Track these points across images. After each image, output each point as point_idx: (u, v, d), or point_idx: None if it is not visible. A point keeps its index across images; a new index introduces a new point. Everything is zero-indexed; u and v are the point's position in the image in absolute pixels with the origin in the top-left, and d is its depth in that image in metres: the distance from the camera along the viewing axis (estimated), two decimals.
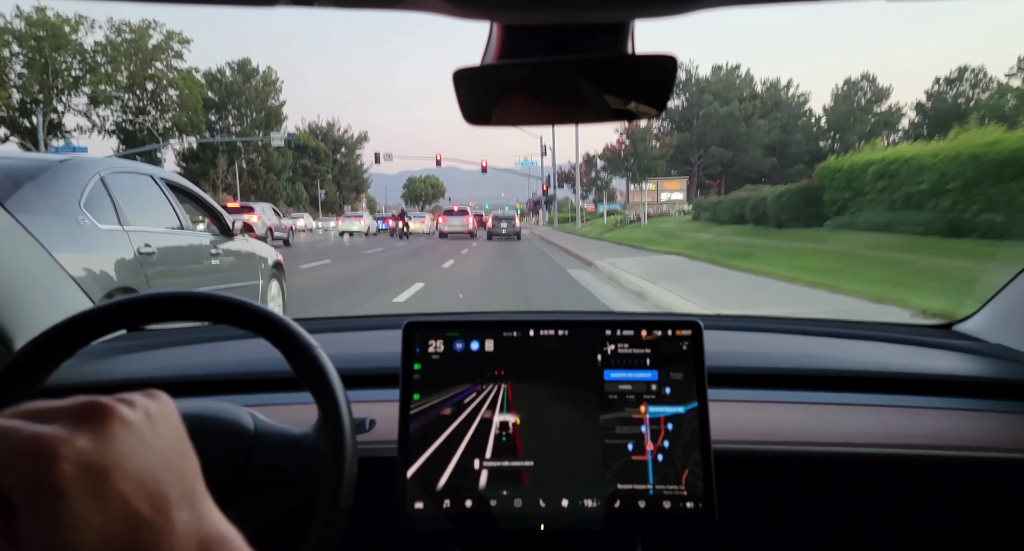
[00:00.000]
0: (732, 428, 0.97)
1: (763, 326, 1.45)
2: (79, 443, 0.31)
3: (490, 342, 0.90)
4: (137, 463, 0.33)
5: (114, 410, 0.34)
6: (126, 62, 43.50)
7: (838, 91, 60.31)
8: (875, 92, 59.24)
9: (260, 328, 0.72)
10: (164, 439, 0.36)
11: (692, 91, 60.76)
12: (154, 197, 4.18)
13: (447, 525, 0.85)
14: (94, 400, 0.34)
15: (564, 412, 0.88)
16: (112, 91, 43.00)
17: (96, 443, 0.32)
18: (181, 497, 0.34)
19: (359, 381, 1.07)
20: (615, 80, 0.67)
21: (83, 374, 1.14)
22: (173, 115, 46.76)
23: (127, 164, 4.35)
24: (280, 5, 0.48)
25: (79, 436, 0.32)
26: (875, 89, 59.40)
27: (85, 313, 0.71)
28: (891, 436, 0.97)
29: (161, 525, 0.32)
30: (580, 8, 0.51)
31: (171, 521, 0.33)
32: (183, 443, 0.37)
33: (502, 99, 0.70)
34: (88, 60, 42.38)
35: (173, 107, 46.80)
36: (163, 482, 0.34)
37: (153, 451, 0.34)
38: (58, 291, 1.26)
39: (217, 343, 1.34)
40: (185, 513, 0.34)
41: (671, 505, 0.84)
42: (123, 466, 0.32)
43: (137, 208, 3.88)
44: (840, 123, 58.51)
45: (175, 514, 0.33)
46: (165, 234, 4.06)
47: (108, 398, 0.34)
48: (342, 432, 0.69)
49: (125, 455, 0.33)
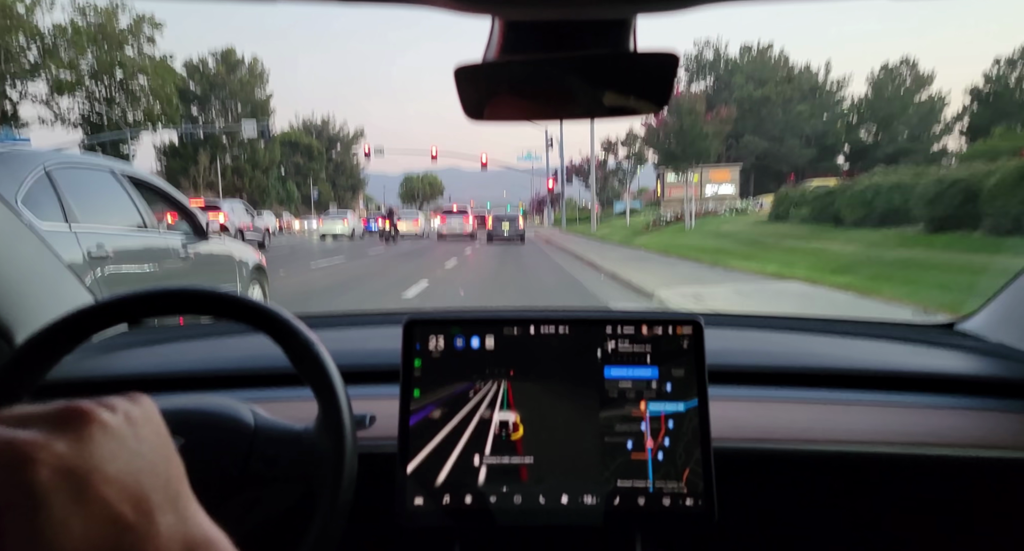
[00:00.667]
0: (732, 426, 0.97)
1: (764, 324, 1.45)
2: (57, 448, 0.31)
3: (491, 339, 0.90)
4: (118, 466, 0.32)
5: (93, 414, 0.33)
6: (91, 47, 39.81)
7: (874, 78, 52.94)
8: (915, 80, 52.03)
9: (261, 323, 0.72)
10: (146, 442, 0.35)
11: (720, 72, 53.10)
12: (113, 194, 3.84)
13: (447, 521, 0.85)
14: (72, 404, 0.34)
15: (564, 409, 0.88)
16: (74, 78, 39.25)
17: (75, 447, 0.31)
18: (165, 500, 0.34)
19: (359, 377, 1.07)
20: (616, 77, 0.67)
21: (84, 369, 1.14)
22: (145, 106, 43.24)
23: (81, 157, 4.02)
24: (282, 1, 0.48)
25: (57, 441, 0.31)
26: (915, 76, 52.19)
27: (86, 308, 0.71)
28: (892, 434, 0.97)
29: (145, 529, 0.32)
30: (582, 4, 0.51)
31: (155, 524, 0.33)
32: (166, 446, 0.37)
33: (503, 95, 0.70)
34: (47, 43, 38.45)
35: (145, 97, 43.20)
36: (146, 485, 0.33)
37: (135, 454, 0.34)
38: (59, 286, 1.26)
39: (217, 338, 1.34)
40: (170, 516, 0.34)
41: (671, 502, 0.85)
42: (104, 470, 0.32)
43: (91, 206, 3.57)
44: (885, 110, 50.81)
45: (159, 517, 0.33)
46: (123, 235, 3.75)
47: (87, 402, 0.34)
48: (342, 428, 0.69)
49: (105, 459, 0.32)
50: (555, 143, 42.09)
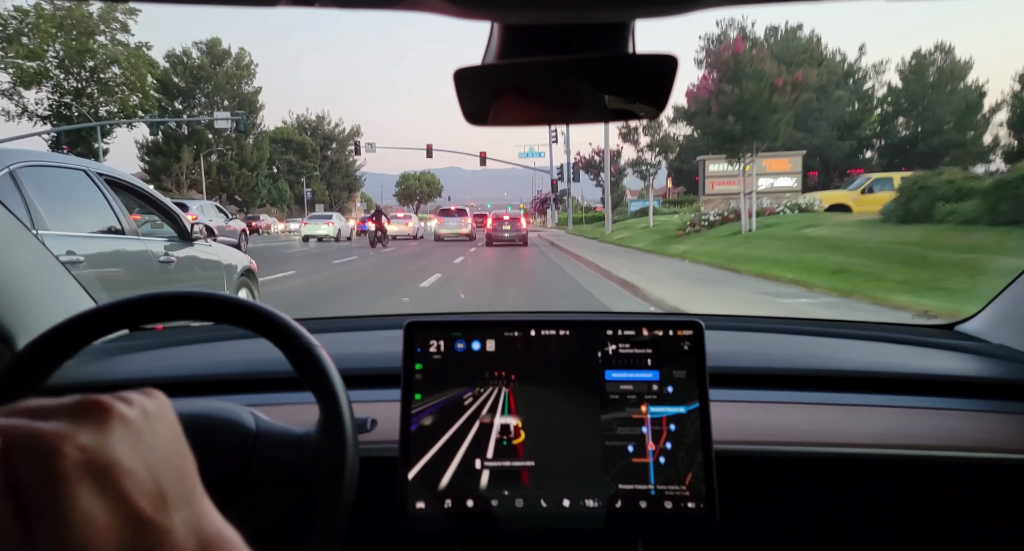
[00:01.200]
0: (734, 428, 0.96)
1: (765, 326, 1.45)
2: (81, 439, 0.31)
3: (491, 342, 0.90)
4: (137, 461, 0.33)
5: (113, 407, 0.33)
6: (59, 34, 35.52)
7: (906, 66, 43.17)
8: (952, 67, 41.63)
9: (262, 328, 0.72)
10: (162, 437, 0.35)
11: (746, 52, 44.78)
12: (87, 195, 3.61)
13: (448, 525, 0.85)
14: (93, 397, 0.34)
15: (565, 412, 0.88)
16: (39, 68, 35.14)
17: (97, 439, 0.31)
18: (180, 496, 0.34)
19: (360, 381, 1.07)
20: (616, 80, 0.67)
21: (85, 374, 1.15)
22: (120, 97, 39.10)
23: (52, 156, 3.75)
24: (281, 5, 0.48)
25: (80, 432, 0.31)
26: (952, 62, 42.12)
27: (87, 312, 0.71)
28: (893, 436, 0.96)
29: (161, 523, 0.32)
30: (581, 8, 0.51)
31: (170, 520, 0.33)
32: (180, 442, 0.37)
33: (503, 99, 0.70)
34: (8, 30, 34.12)
35: (119, 88, 39.10)
36: (162, 480, 0.33)
37: (152, 449, 0.34)
38: (60, 290, 1.26)
39: (219, 343, 1.34)
40: (184, 512, 0.34)
41: (673, 505, 0.84)
42: (124, 463, 0.32)
43: (63, 209, 3.39)
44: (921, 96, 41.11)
45: (174, 513, 0.33)
46: (98, 239, 3.56)
47: (106, 396, 0.34)
48: (343, 432, 0.69)
49: (125, 452, 0.32)
50: (559, 137, 39.11)
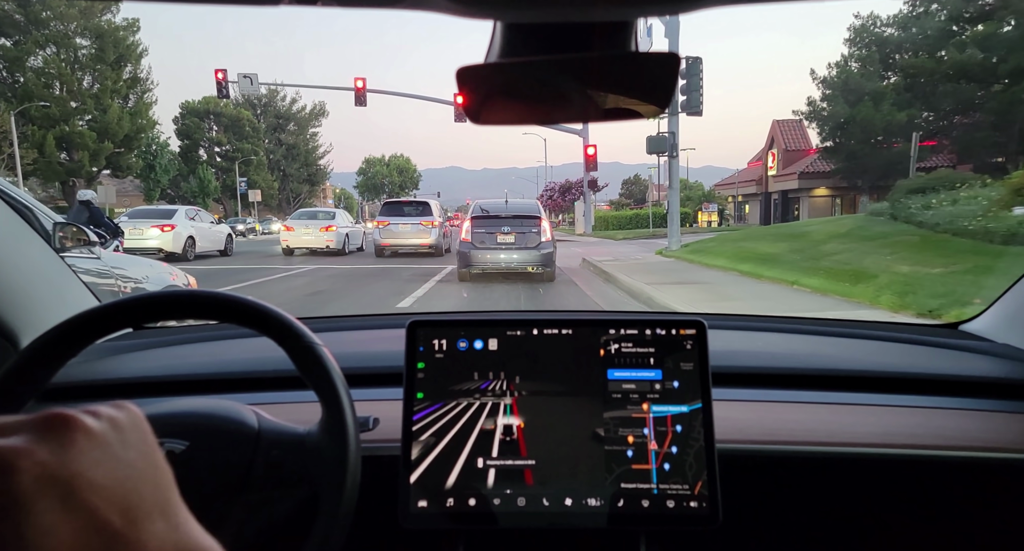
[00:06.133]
0: (736, 428, 0.96)
1: (767, 326, 1.44)
2: (39, 455, 0.31)
3: (494, 341, 0.90)
4: (104, 473, 0.32)
5: (77, 421, 0.33)
6: None
7: None
8: None
9: (264, 327, 0.72)
10: (133, 449, 0.35)
11: None
12: None
13: (451, 524, 0.85)
14: (55, 411, 0.33)
15: (568, 411, 0.87)
16: None
17: (58, 454, 0.31)
18: (154, 508, 0.34)
19: (363, 380, 1.08)
20: (619, 78, 0.67)
21: (88, 372, 1.15)
22: None
23: None
24: (284, 4, 0.48)
25: (40, 448, 0.31)
26: None
27: (90, 311, 0.72)
28: (897, 436, 0.96)
29: (135, 536, 0.32)
30: (583, 7, 0.51)
31: (144, 532, 0.32)
32: (154, 453, 0.37)
33: (505, 98, 0.70)
34: None
35: None
36: (134, 492, 0.33)
37: (121, 461, 0.34)
38: (64, 289, 1.27)
39: (222, 342, 1.35)
40: (159, 524, 0.33)
41: (675, 504, 0.84)
42: (88, 476, 0.31)
43: None
44: None
45: (148, 525, 0.33)
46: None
47: (72, 409, 0.34)
48: (346, 431, 0.69)
49: (90, 465, 0.32)
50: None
